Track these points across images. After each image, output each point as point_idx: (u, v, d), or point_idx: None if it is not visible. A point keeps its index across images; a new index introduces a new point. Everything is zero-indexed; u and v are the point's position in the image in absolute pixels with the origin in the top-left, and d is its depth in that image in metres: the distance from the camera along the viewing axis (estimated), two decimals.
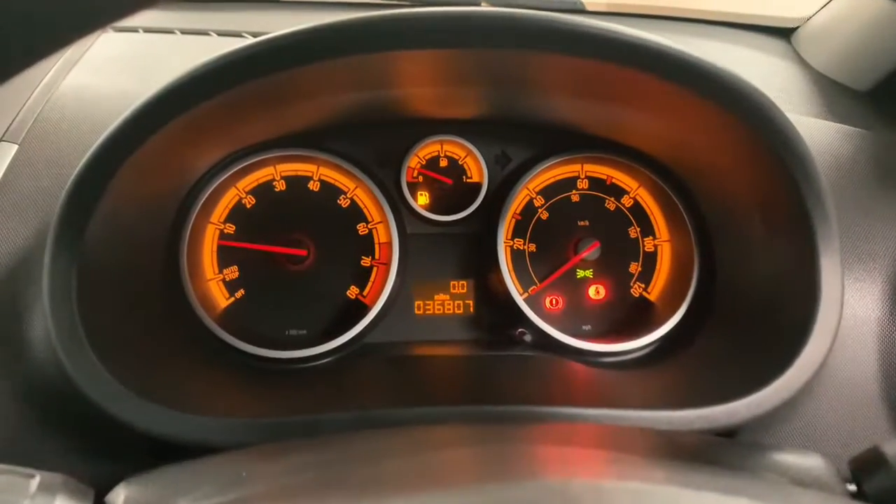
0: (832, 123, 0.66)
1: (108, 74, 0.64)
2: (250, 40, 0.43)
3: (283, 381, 0.53)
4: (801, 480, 0.33)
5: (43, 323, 0.44)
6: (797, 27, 0.78)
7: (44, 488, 0.29)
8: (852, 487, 0.34)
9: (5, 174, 0.52)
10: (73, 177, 0.43)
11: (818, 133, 0.63)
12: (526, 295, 0.60)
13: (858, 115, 0.67)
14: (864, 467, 0.34)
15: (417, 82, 0.52)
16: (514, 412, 0.43)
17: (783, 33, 0.80)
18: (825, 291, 0.48)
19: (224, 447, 0.37)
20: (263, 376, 0.54)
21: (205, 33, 0.72)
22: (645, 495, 0.23)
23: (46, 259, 0.42)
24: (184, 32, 0.72)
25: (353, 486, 0.26)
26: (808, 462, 0.35)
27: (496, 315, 0.61)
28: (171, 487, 0.32)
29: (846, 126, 0.65)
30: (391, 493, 0.24)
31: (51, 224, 0.43)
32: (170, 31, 0.72)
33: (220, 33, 0.72)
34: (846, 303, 0.54)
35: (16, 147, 0.54)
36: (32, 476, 0.30)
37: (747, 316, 0.54)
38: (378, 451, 0.32)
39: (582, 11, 0.80)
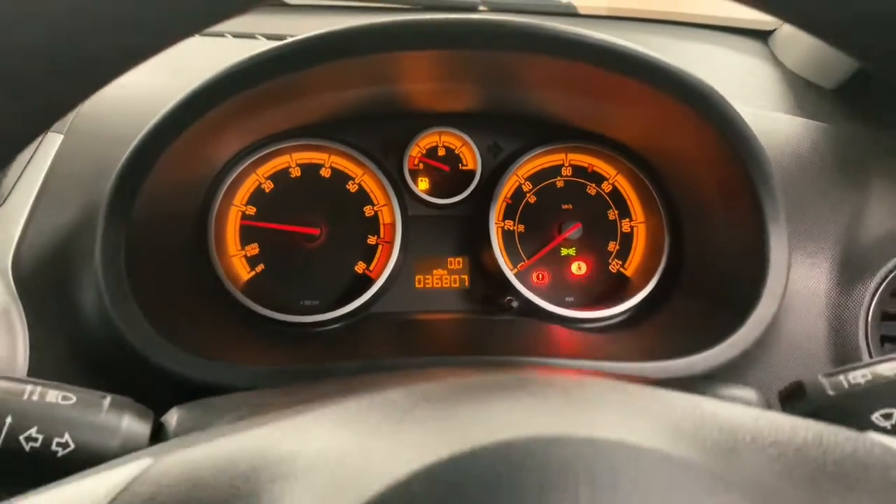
0: (799, 118, 0.72)
1: (138, 73, 0.71)
2: (275, 42, 0.50)
3: (299, 341, 0.60)
4: None
5: (93, 286, 0.51)
6: (773, 30, 0.84)
7: (114, 406, 0.36)
8: None
9: (54, 160, 0.58)
10: (123, 160, 0.50)
11: (785, 127, 0.70)
12: (515, 270, 0.67)
13: (824, 110, 0.73)
14: (788, 397, 0.40)
15: (419, 79, 0.59)
16: (501, 360, 0.50)
17: (761, 35, 0.87)
18: (773, 260, 0.54)
19: (249, 390, 0.44)
20: (282, 337, 0.61)
21: (221, 35, 0.79)
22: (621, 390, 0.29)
23: (99, 230, 0.49)
24: (202, 35, 0.79)
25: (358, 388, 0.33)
26: (741, 392, 0.41)
27: (489, 288, 0.67)
28: (214, 410, 0.39)
29: (811, 121, 0.71)
30: (391, 385, 0.30)
31: (103, 199, 0.50)
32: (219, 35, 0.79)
33: (235, 35, 0.79)
34: (800, 275, 0.60)
35: (61, 137, 0.61)
36: (104, 397, 0.37)
37: (709, 286, 0.61)
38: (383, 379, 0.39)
39: (574, 15, 0.87)
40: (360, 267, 0.66)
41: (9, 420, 0.33)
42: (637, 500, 0.18)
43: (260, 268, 0.65)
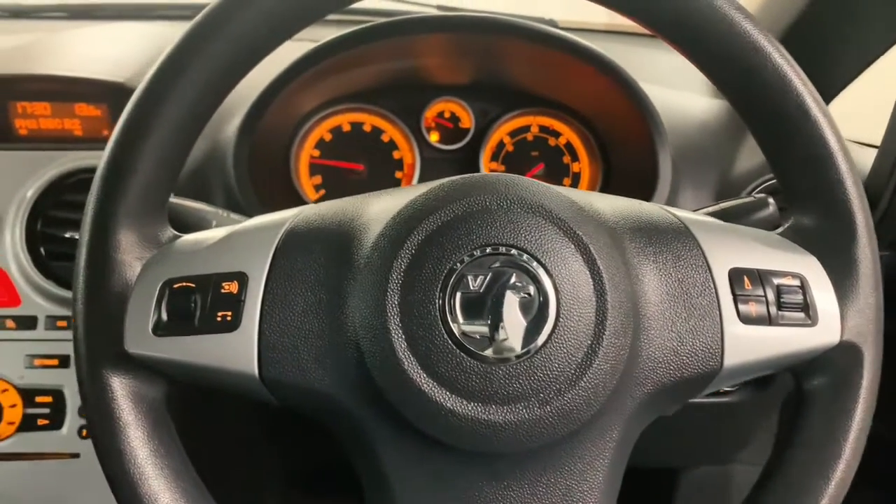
0: (709, 98, 1.02)
1: None
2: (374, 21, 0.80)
3: None
4: None
5: (222, 187, 0.80)
6: None
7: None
8: None
9: None
10: (256, 96, 0.79)
11: (698, 103, 0.99)
12: None
13: None
14: None
15: (435, 55, 0.88)
16: None
17: None
18: (662, 173, 0.83)
19: None
20: None
21: None
22: None
23: (233, 144, 0.79)
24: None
25: None
26: None
27: None
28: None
29: (717, 99, 1.01)
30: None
31: (237, 123, 0.79)
32: None
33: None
34: (688, 197, 0.89)
35: None
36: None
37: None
38: None
39: (555, 27, 1.16)
40: None
41: (214, 223, 0.62)
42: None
43: (322, 192, 0.93)
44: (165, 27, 1.11)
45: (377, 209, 0.48)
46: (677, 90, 1.05)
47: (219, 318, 0.46)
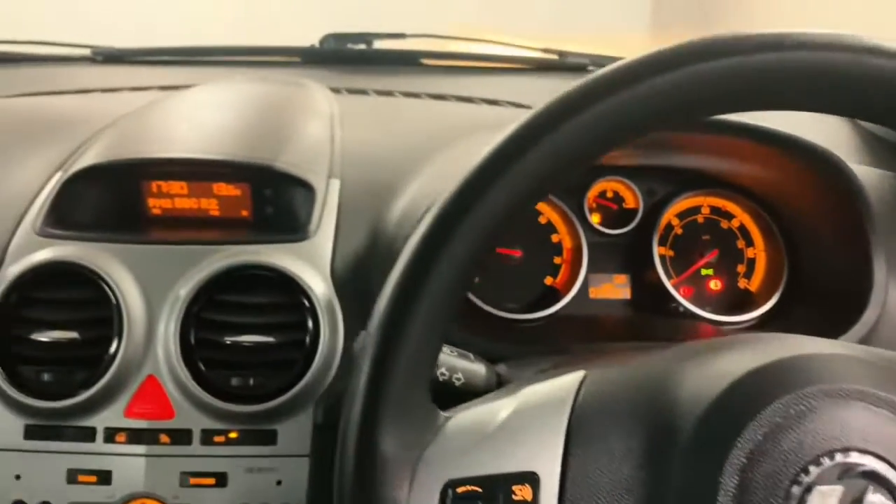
0: (876, 169, 0.93)
1: (359, 129, 0.94)
2: None
3: (509, 331, 0.82)
4: None
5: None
6: None
7: (476, 358, 0.58)
8: None
9: (339, 200, 0.81)
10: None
11: (866, 176, 0.90)
12: (671, 283, 0.87)
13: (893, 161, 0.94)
14: None
15: None
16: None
17: None
18: (877, 281, 0.75)
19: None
20: (495, 328, 0.82)
21: (364, 92, 1.04)
22: None
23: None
24: (378, 94, 1.04)
25: None
26: None
27: (647, 299, 0.88)
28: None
29: (886, 171, 0.92)
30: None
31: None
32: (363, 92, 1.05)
33: (378, 92, 1.05)
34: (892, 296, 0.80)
35: (338, 182, 0.84)
36: (467, 354, 0.58)
37: (823, 301, 0.81)
38: None
39: None
40: (548, 280, 0.88)
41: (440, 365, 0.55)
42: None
43: (475, 279, 0.86)
44: (285, 86, 1.05)
45: (686, 391, 0.41)
46: None
47: None
